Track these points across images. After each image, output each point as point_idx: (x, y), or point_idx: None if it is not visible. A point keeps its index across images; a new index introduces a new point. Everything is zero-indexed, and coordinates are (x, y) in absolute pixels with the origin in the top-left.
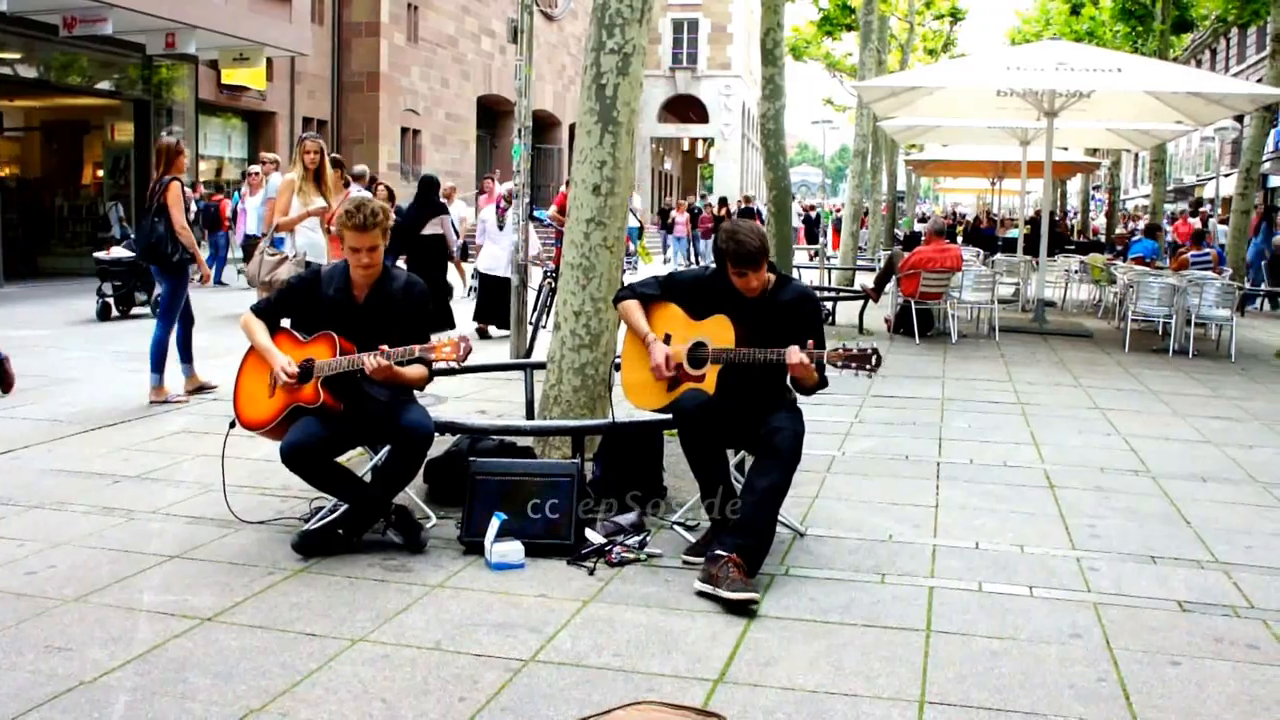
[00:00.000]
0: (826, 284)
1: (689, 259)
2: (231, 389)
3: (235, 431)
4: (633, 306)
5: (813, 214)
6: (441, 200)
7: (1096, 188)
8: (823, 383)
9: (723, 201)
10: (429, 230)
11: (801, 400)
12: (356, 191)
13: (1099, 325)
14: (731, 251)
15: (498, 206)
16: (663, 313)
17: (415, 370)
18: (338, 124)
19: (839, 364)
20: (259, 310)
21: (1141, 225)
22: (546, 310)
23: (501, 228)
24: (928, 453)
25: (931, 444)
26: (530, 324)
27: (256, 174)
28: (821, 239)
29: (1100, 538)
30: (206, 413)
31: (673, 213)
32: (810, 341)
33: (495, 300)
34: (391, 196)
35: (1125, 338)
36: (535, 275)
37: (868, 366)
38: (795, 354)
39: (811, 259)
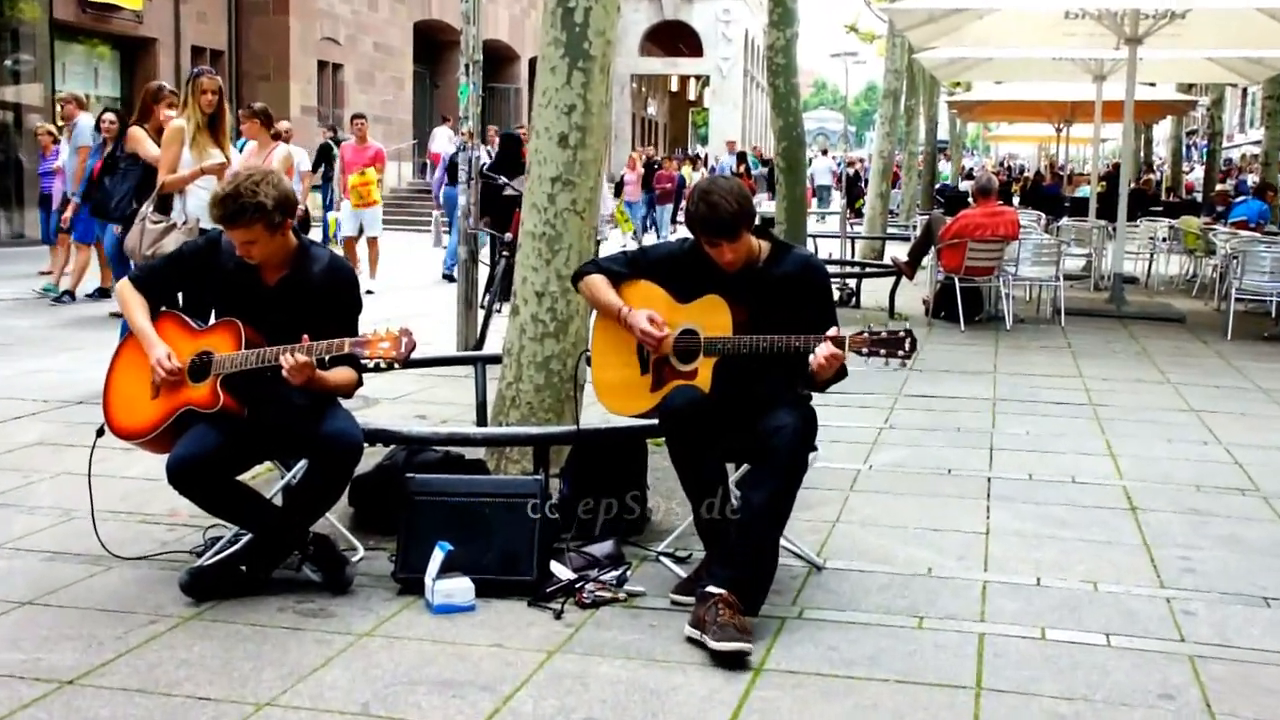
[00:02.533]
0: (849, 257)
1: (641, 233)
2: (102, 387)
3: (106, 442)
4: (599, 281)
5: (851, 170)
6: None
7: (1191, 134)
8: (839, 375)
9: (741, 158)
10: (512, 191)
11: (816, 399)
12: (283, 152)
13: (1193, 306)
14: (701, 217)
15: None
16: (638, 295)
17: (342, 374)
18: (236, 56)
19: (864, 351)
20: (139, 280)
21: (1249, 181)
22: (502, 290)
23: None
24: (975, 466)
25: (980, 455)
26: (482, 307)
27: (47, 132)
28: (826, 201)
29: (1196, 573)
30: (69, 419)
31: (623, 170)
32: (835, 330)
33: None
34: (327, 154)
35: (1227, 322)
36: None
37: (900, 353)
38: (826, 345)
39: (851, 225)
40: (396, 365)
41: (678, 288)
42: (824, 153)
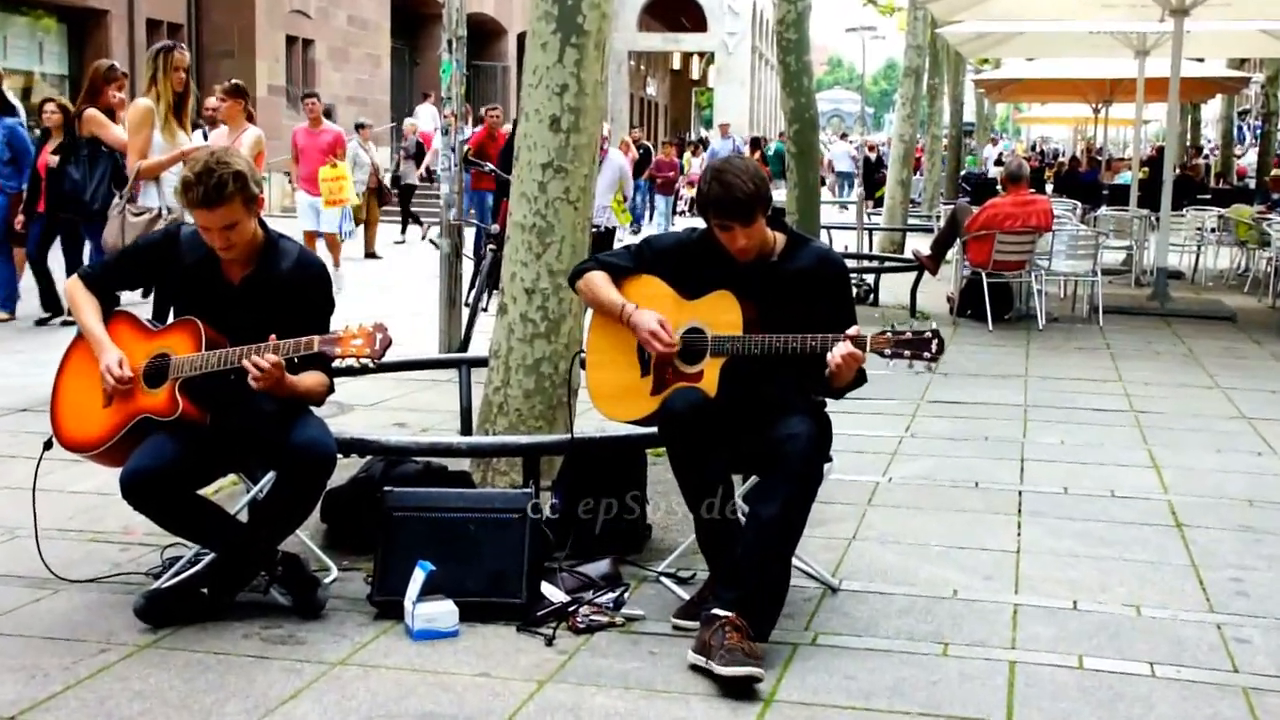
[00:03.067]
0: (865, 249)
1: (638, 223)
2: (50, 395)
3: (54, 454)
4: (598, 279)
5: (873, 155)
6: None
7: (1244, 113)
8: (858, 380)
9: (755, 144)
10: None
11: (830, 405)
12: (254, 135)
13: (1244, 304)
14: (715, 197)
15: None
16: (641, 290)
17: (311, 379)
18: (197, 30)
19: (886, 352)
20: (89, 278)
21: None
22: (489, 287)
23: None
24: (1005, 478)
25: (1010, 466)
26: (467, 305)
27: None
28: (847, 189)
29: (1250, 596)
30: (13, 429)
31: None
32: (855, 329)
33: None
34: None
35: None
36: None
37: (926, 355)
38: (845, 345)
39: (870, 216)
40: (372, 364)
41: (684, 282)
42: (843, 136)
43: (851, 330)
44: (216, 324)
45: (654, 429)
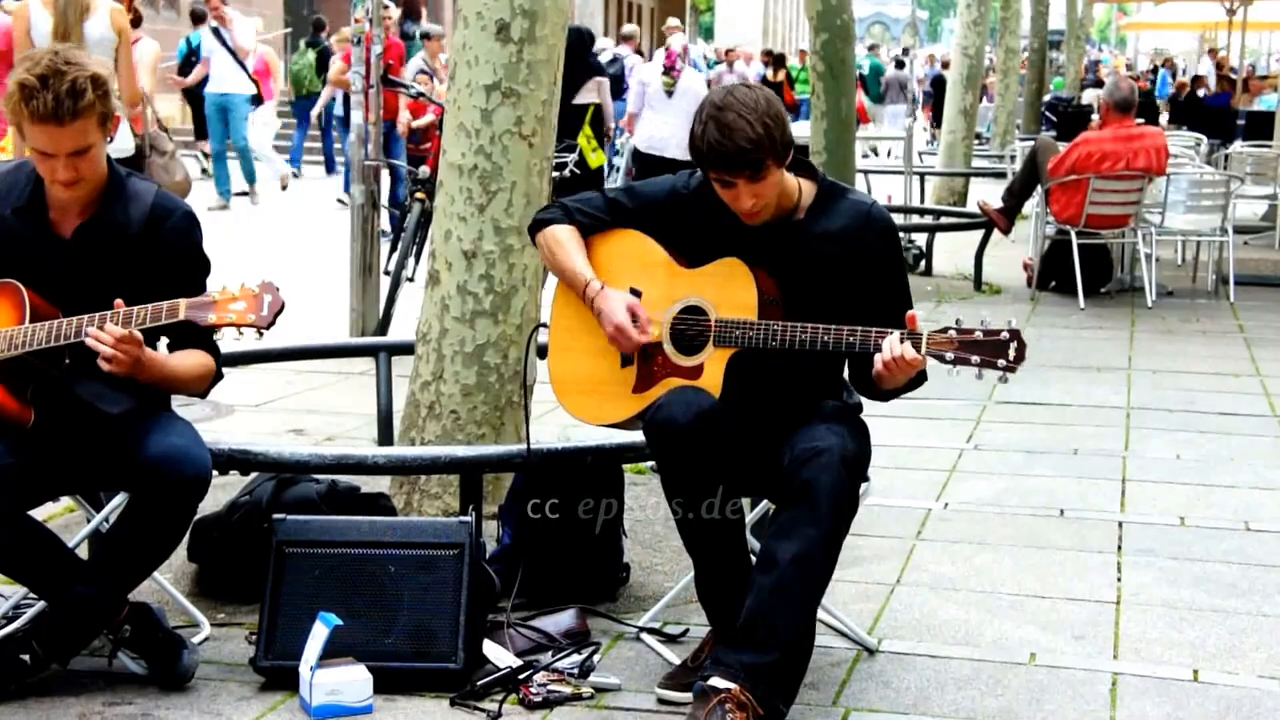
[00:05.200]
0: (915, 201)
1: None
2: None
3: None
4: (563, 236)
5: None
6: (597, 60)
7: None
8: (915, 381)
9: (779, 61)
10: (581, 99)
11: (869, 407)
12: (153, 48)
13: None
14: (712, 144)
15: (669, 66)
16: (622, 252)
17: (190, 360)
18: None
19: (948, 356)
20: None
21: None
22: (416, 249)
23: (671, 94)
24: (1101, 504)
25: (1108, 489)
26: (387, 274)
27: None
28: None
29: None
30: None
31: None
32: (910, 316)
33: None
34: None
35: None
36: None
37: (1002, 362)
38: (895, 344)
39: (921, 156)
40: (258, 333)
41: (681, 242)
42: (899, 65)
43: (911, 314)
44: (45, 291)
45: (635, 436)
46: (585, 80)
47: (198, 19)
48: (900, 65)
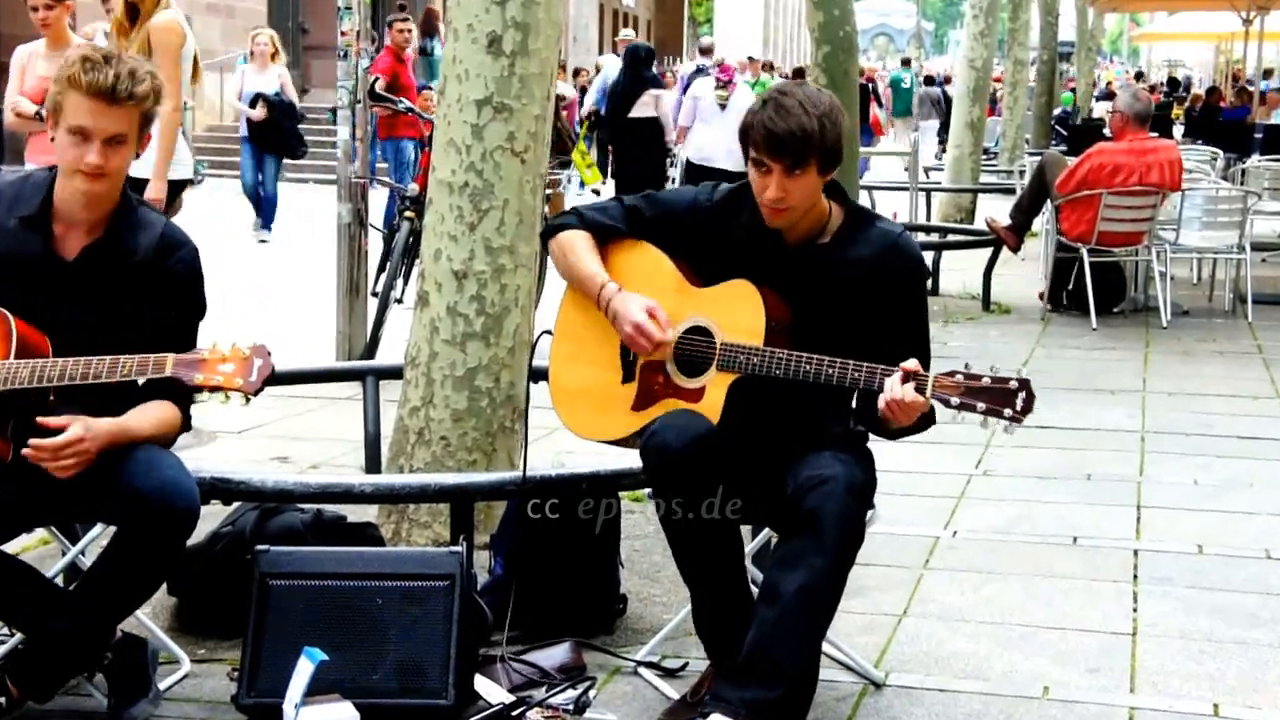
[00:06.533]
0: (921, 219)
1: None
2: None
3: None
4: (577, 241)
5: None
6: (654, 73)
7: None
8: (922, 423)
9: (798, 73)
10: (639, 112)
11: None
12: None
13: None
14: (761, 124)
15: (722, 80)
16: (633, 263)
17: (154, 415)
18: None
19: (954, 401)
20: None
21: None
22: (405, 270)
23: (724, 107)
24: (1116, 531)
25: (1123, 515)
26: (374, 295)
27: None
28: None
29: None
30: None
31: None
32: (912, 361)
33: None
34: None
35: None
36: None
37: (1006, 413)
38: (898, 386)
39: (926, 172)
40: (244, 399)
41: (696, 259)
42: (905, 63)
43: (910, 363)
44: (37, 317)
45: (631, 462)
46: (642, 93)
47: None
48: (930, 81)
